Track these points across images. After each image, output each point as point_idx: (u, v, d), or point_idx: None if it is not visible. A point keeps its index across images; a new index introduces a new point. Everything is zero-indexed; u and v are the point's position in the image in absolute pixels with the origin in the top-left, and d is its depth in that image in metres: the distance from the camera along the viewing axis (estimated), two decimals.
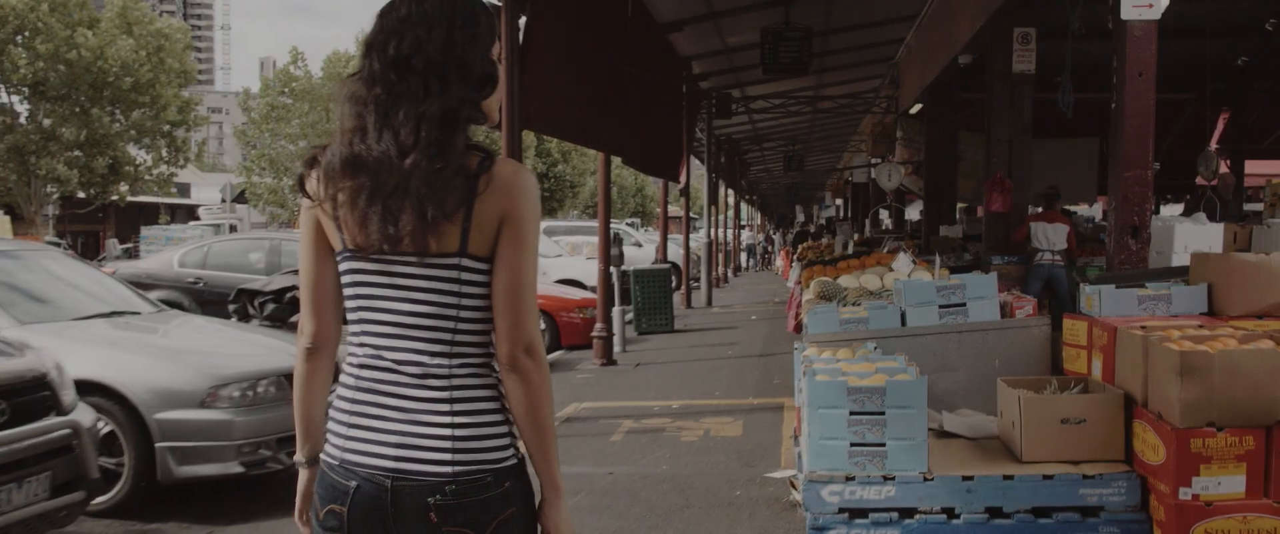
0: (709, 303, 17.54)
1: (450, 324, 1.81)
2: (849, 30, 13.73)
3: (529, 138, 32.95)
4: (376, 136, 1.78)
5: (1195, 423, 3.29)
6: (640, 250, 21.13)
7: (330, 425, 1.90)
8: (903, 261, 6.44)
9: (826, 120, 22.35)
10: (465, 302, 1.81)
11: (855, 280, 6.32)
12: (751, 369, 9.83)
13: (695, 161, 22.35)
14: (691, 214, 27.47)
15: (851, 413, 3.59)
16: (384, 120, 1.78)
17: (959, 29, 10.83)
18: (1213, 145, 18.89)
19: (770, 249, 39.21)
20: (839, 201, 32.33)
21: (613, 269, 10.87)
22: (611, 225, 11.22)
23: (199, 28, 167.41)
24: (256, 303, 8.17)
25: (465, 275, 1.81)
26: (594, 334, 10.44)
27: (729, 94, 17.79)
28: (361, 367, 1.86)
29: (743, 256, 33.85)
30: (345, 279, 1.88)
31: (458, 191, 1.76)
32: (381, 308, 1.83)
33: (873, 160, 19.38)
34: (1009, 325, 4.63)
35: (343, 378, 1.91)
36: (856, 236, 16.60)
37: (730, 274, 26.75)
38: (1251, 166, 18.35)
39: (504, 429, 1.85)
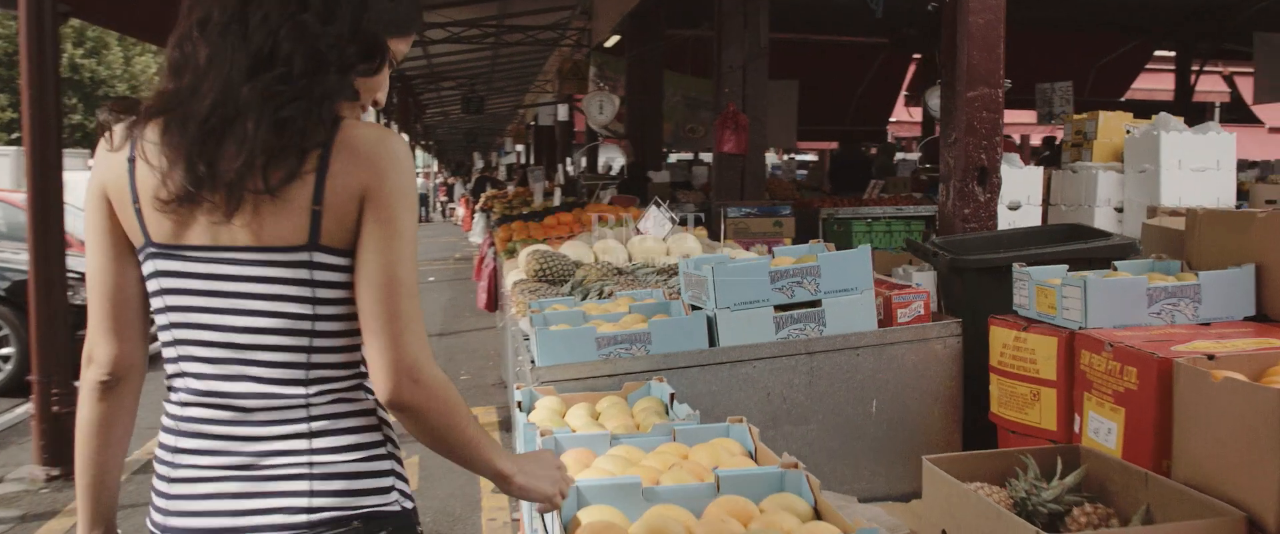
0: None
1: (304, 342, 1.32)
2: None
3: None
4: (220, 36, 1.25)
5: None
6: None
7: (154, 483, 1.40)
8: (655, 219, 4.32)
9: (511, 57, 20.23)
10: (322, 309, 1.32)
11: (587, 249, 4.14)
12: None
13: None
14: None
15: None
16: (239, 21, 1.25)
17: None
18: (903, 92, 18.76)
19: (447, 199, 36.82)
20: (520, 148, 30.44)
21: None
22: None
23: None
24: None
25: (320, 275, 1.31)
26: None
27: None
28: (184, 405, 1.35)
29: (419, 207, 31.42)
30: (151, 286, 1.36)
31: (293, 159, 1.26)
32: (207, 324, 1.32)
33: (561, 100, 17.45)
34: (894, 339, 2.63)
35: (163, 420, 1.40)
36: (548, 184, 14.55)
37: None
38: None
39: (385, 465, 1.37)
